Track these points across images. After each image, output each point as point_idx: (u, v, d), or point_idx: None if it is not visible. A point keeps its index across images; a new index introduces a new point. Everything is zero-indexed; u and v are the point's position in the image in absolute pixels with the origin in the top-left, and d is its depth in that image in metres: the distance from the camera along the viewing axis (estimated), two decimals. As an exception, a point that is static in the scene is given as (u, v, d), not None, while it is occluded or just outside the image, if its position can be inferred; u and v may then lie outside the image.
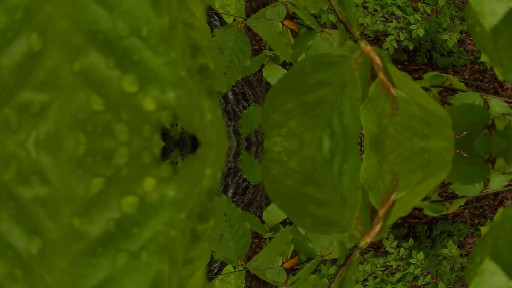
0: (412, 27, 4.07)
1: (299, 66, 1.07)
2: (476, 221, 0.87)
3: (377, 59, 1.04)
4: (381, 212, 0.82)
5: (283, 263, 0.65)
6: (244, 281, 0.61)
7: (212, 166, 0.86)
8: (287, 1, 1.77)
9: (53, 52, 0.67)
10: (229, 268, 0.66)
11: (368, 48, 1.05)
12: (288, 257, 0.67)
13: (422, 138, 1.16)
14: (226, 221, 0.82)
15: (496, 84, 4.17)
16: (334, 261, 0.66)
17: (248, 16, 1.77)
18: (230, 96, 2.82)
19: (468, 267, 0.64)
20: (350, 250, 0.69)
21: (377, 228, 0.74)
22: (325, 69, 1.06)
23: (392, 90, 1.04)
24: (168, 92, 0.69)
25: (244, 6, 2.72)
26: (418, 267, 0.65)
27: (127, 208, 0.70)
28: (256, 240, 0.75)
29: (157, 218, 0.70)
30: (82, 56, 0.67)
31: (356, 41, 1.07)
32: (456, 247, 0.73)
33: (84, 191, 0.70)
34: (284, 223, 0.84)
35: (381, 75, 1.03)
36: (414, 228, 0.83)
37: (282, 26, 1.85)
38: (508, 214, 0.92)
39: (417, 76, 4.16)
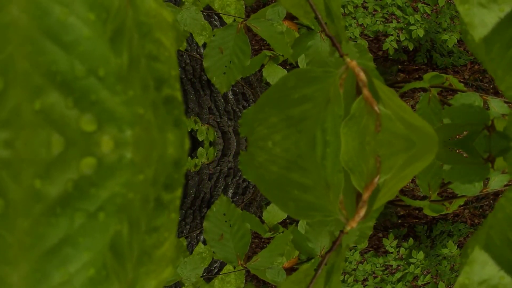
0: (412, 27, 4.07)
1: (283, 80, 1.07)
2: (476, 221, 0.87)
3: (362, 75, 1.04)
4: (365, 196, 0.82)
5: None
6: (244, 281, 0.62)
7: (174, 145, 0.85)
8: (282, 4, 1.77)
9: (14, 92, 0.68)
10: (228, 267, 0.66)
11: (353, 63, 1.04)
12: (294, 258, 0.67)
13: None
14: (226, 221, 0.82)
15: (496, 84, 4.17)
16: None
17: (248, 16, 1.78)
18: (230, 96, 2.82)
19: (461, 261, 0.64)
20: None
21: (362, 212, 0.74)
22: (310, 84, 1.06)
23: (376, 107, 1.03)
24: (125, 130, 0.71)
25: (244, 6, 2.72)
26: (418, 267, 0.65)
27: (86, 169, 0.71)
28: (256, 240, 0.75)
29: (114, 179, 0.71)
30: (43, 95, 0.69)
31: (341, 56, 1.07)
32: (456, 247, 0.73)
33: (45, 153, 0.71)
34: (284, 223, 0.84)
35: (365, 91, 1.03)
36: (414, 228, 0.83)
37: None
38: (501, 204, 0.92)
39: (417, 76, 4.16)
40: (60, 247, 0.53)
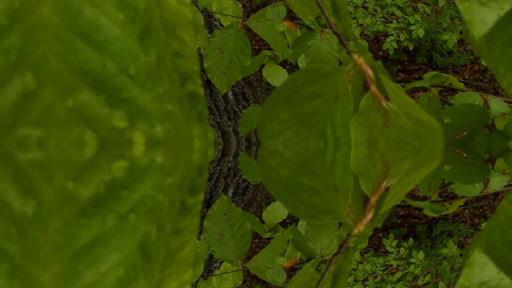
0: (412, 27, 4.07)
1: (293, 77, 1.08)
2: (476, 221, 0.87)
3: (370, 72, 1.04)
4: (373, 200, 0.83)
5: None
6: (241, 278, 0.62)
7: (200, 138, 0.87)
8: (286, 2, 1.77)
9: (47, 91, 0.69)
10: (226, 264, 0.66)
11: (361, 60, 1.05)
12: (294, 258, 0.67)
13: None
14: (226, 221, 0.82)
15: (496, 84, 4.17)
16: (334, 261, 0.66)
17: (248, 16, 1.78)
18: (230, 96, 2.82)
19: (463, 262, 0.65)
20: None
21: (369, 215, 0.74)
22: (318, 81, 1.07)
23: (384, 103, 1.04)
24: (156, 126, 0.73)
25: (243, 7, 2.72)
26: (418, 267, 0.65)
27: (117, 171, 0.72)
28: (256, 240, 0.75)
29: (145, 182, 0.73)
30: (75, 94, 0.70)
31: (349, 53, 1.08)
32: (456, 247, 0.73)
33: (78, 156, 0.72)
34: (283, 223, 0.84)
35: (373, 87, 1.04)
36: (414, 228, 0.83)
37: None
38: (503, 207, 0.93)
39: (417, 76, 4.16)
40: (91, 247, 0.54)
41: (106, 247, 0.54)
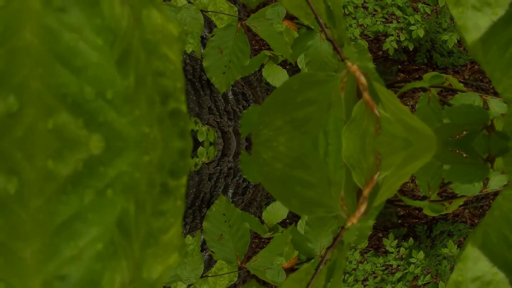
0: (412, 27, 4.08)
1: (288, 83, 1.09)
2: (476, 221, 0.87)
3: (363, 79, 1.05)
4: (366, 192, 0.83)
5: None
6: (237, 275, 0.62)
7: (180, 141, 0.89)
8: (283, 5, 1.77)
9: (29, 111, 0.71)
10: (221, 261, 0.67)
11: (354, 67, 1.05)
12: (294, 258, 0.67)
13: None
14: (225, 221, 0.82)
15: (493, 86, 4.17)
16: (334, 261, 0.66)
17: (248, 16, 1.78)
18: (230, 96, 2.82)
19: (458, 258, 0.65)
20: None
21: (363, 208, 0.75)
22: (313, 87, 1.07)
23: (376, 110, 1.05)
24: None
25: (243, 7, 2.72)
26: (418, 267, 0.65)
27: (95, 149, 0.73)
28: (256, 240, 0.75)
29: (121, 158, 0.75)
30: (54, 115, 0.72)
31: (342, 60, 1.08)
32: (456, 246, 0.73)
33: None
34: (283, 223, 0.84)
35: (365, 95, 1.04)
36: (414, 228, 0.83)
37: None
38: (498, 202, 0.93)
39: (417, 76, 4.16)
40: (70, 223, 0.55)
41: (85, 222, 0.56)
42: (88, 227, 0.55)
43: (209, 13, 1.93)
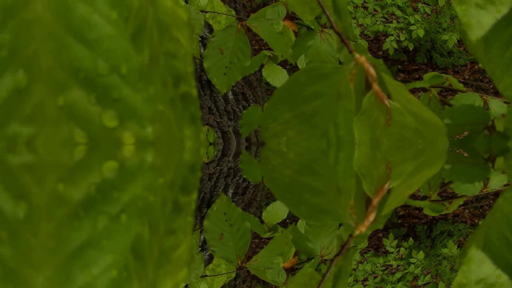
0: (412, 27, 4.08)
1: (295, 77, 1.09)
2: (476, 221, 0.87)
3: (371, 70, 1.04)
4: (375, 201, 0.83)
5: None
6: (234, 271, 0.62)
7: (191, 140, 0.88)
8: (286, 1, 1.77)
9: (38, 87, 0.69)
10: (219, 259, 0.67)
11: (362, 59, 1.05)
12: (290, 258, 0.67)
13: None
14: (226, 220, 0.82)
15: (494, 84, 4.17)
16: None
17: (248, 16, 1.78)
18: (230, 96, 2.82)
19: (460, 261, 0.65)
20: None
21: (371, 217, 0.75)
22: (320, 80, 1.07)
23: (386, 101, 1.04)
24: (146, 127, 0.73)
25: (243, 7, 2.72)
26: (418, 267, 0.65)
27: (108, 172, 0.72)
28: (256, 240, 0.75)
29: (136, 182, 0.74)
30: (66, 91, 0.70)
31: (350, 52, 1.08)
32: (456, 246, 0.73)
33: (68, 158, 0.73)
34: (283, 223, 0.84)
35: (375, 86, 1.04)
36: (414, 228, 0.83)
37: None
38: (500, 204, 0.93)
39: (417, 76, 4.16)
40: (83, 250, 0.54)
41: (98, 249, 0.55)
42: (102, 254, 0.54)
43: (207, 16, 1.93)
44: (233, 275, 0.61)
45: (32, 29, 0.68)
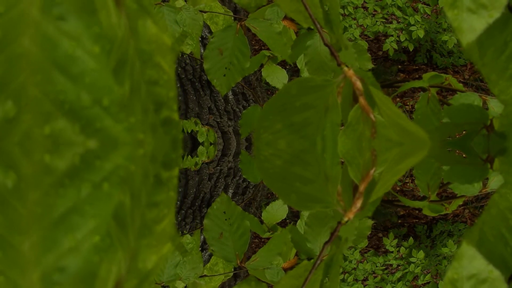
0: (412, 28, 4.08)
1: (286, 88, 1.11)
2: (476, 221, 0.87)
3: (359, 84, 1.06)
4: (362, 188, 0.85)
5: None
6: (232, 269, 0.63)
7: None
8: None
9: (26, 117, 0.72)
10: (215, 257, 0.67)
11: (350, 72, 1.06)
12: (290, 259, 0.67)
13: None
14: (225, 219, 0.82)
15: (489, 88, 4.17)
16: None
17: (247, 16, 1.78)
18: (230, 96, 2.82)
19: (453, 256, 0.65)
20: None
21: (359, 203, 0.76)
22: (310, 92, 1.09)
23: (372, 115, 1.06)
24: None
25: (238, 10, 2.72)
26: (418, 266, 0.65)
27: (91, 143, 0.76)
28: (256, 240, 0.75)
29: (117, 152, 0.77)
30: (52, 121, 0.74)
31: (339, 65, 1.09)
32: (456, 246, 0.73)
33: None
34: (283, 223, 0.84)
35: (361, 100, 1.05)
36: (414, 228, 0.83)
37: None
38: (495, 200, 0.93)
39: (417, 76, 4.16)
40: (68, 216, 0.57)
41: (82, 215, 0.57)
42: (86, 219, 0.57)
43: (205, 17, 1.93)
44: (231, 274, 0.61)
45: (20, 62, 0.72)
